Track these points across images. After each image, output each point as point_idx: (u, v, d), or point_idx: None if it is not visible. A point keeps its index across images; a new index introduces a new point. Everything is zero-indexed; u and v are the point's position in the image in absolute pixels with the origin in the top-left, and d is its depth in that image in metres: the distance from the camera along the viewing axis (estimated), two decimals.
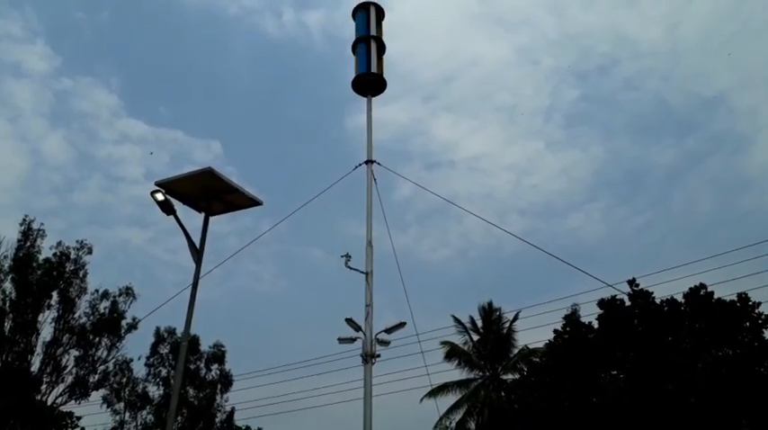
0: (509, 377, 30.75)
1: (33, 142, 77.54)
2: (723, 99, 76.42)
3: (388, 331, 13.25)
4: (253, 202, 9.16)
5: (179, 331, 39.48)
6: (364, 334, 12.91)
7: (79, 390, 34.59)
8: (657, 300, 20.51)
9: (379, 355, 12.83)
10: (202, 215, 9.01)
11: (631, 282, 21.02)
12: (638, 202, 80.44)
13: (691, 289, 20.27)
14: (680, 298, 20.19)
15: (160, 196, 8.11)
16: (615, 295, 20.81)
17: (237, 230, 66.86)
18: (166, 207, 8.17)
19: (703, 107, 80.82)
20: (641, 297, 20.78)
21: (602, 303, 21.39)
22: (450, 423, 30.76)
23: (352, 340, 13.17)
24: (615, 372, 20.33)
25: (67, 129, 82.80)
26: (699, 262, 28.28)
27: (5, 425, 28.72)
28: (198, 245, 8.44)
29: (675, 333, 19.10)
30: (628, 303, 21.02)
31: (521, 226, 77.16)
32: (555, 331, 22.82)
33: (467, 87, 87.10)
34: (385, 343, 13.20)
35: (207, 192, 8.85)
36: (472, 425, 29.68)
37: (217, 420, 37.95)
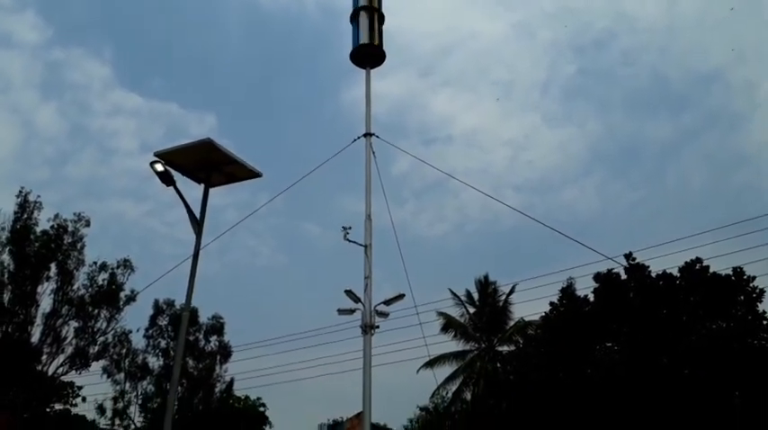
0: (504, 349, 31.11)
1: (25, 114, 76.86)
2: (720, 74, 75.99)
3: (387, 303, 13.36)
4: (252, 174, 9.10)
5: (178, 303, 39.66)
6: (363, 305, 13.00)
7: (79, 361, 34.88)
8: (653, 274, 20.67)
9: (378, 326, 12.94)
10: (201, 187, 8.97)
11: (628, 256, 21.14)
12: (633, 178, 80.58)
13: (686, 263, 20.42)
14: (675, 272, 20.35)
15: (159, 167, 8.05)
16: (611, 269, 20.98)
17: (235, 204, 66.83)
18: (166, 178, 8.12)
19: (700, 83, 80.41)
20: (637, 271, 20.93)
21: (598, 277, 21.54)
22: (447, 393, 31.24)
23: (352, 311, 13.27)
24: (610, 345, 20.59)
25: (60, 101, 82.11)
26: (694, 236, 28.33)
27: (7, 395, 29.03)
28: (198, 216, 8.42)
29: (670, 306, 19.28)
30: (624, 277, 21.19)
31: (517, 201, 77.43)
32: (551, 304, 23.04)
33: (464, 61, 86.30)
34: (384, 314, 13.31)
35: (206, 164, 8.77)
36: (468, 395, 30.14)
37: (216, 390, 38.40)
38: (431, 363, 30.38)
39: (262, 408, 39.82)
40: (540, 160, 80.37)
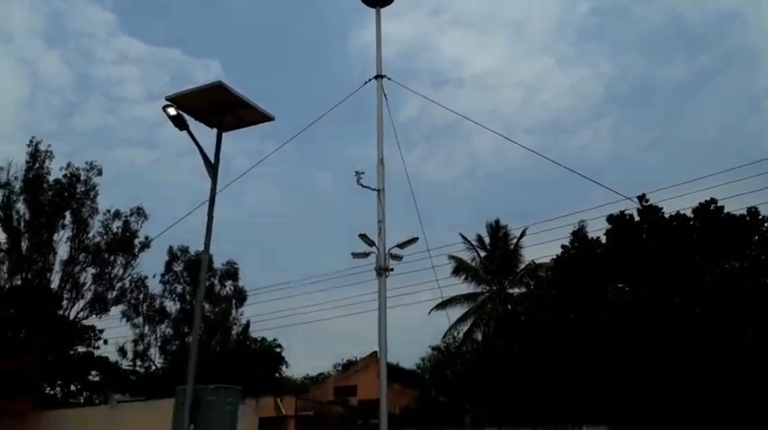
0: (515, 291, 31.50)
1: (30, 64, 76.03)
2: (739, 14, 73.27)
3: (401, 246, 13.45)
4: (264, 117, 8.99)
5: (191, 250, 40.27)
6: (377, 249, 13.10)
7: (99, 306, 35.77)
8: (666, 216, 20.55)
9: (392, 269, 13.08)
10: (211, 135, 8.90)
11: (641, 198, 20.96)
12: (646, 120, 79.16)
13: (700, 203, 20.26)
14: (689, 214, 20.21)
15: (172, 111, 7.95)
16: (624, 210, 20.87)
17: (245, 151, 66.57)
18: (179, 122, 8.03)
19: (717, 23, 77.68)
20: (650, 212, 20.80)
21: (610, 218, 21.46)
22: (458, 333, 31.88)
23: (366, 255, 13.37)
24: (622, 286, 20.71)
25: (63, 49, 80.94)
26: (708, 177, 27.95)
27: (31, 340, 29.95)
28: (212, 160, 8.38)
29: (684, 247, 19.24)
30: (636, 219, 21.10)
31: (528, 144, 76.40)
32: (562, 246, 23.08)
33: (476, 0, 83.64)
34: (397, 257, 13.42)
35: (217, 108, 8.68)
36: (479, 335, 30.75)
37: (233, 332, 39.43)
38: (442, 305, 30.89)
39: (278, 349, 40.85)
40: (552, 102, 78.97)
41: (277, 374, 40.48)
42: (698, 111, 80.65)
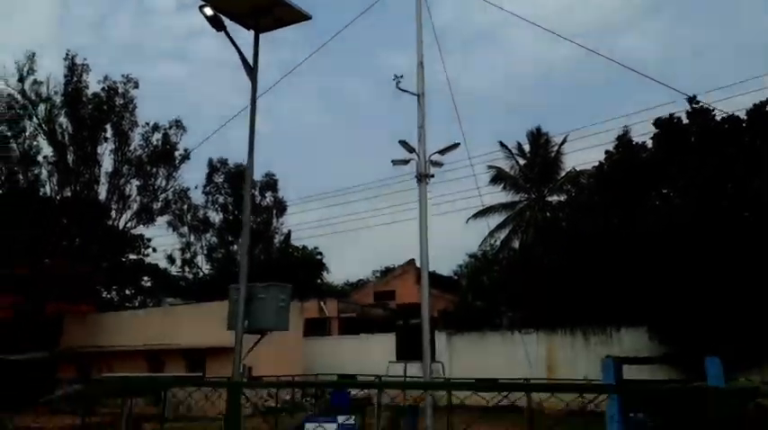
0: (554, 199, 31.20)
1: None
2: None
3: (441, 152, 13.27)
4: (301, 16, 8.69)
5: (231, 161, 40.85)
6: (418, 155, 12.96)
7: (145, 216, 37.15)
8: (718, 118, 19.64)
9: (432, 176, 12.99)
10: (247, 43, 8.68)
11: (691, 100, 19.95)
12: (699, 21, 74.04)
13: (755, 105, 19.24)
14: (743, 116, 19.26)
15: (209, 11, 7.73)
16: (672, 113, 20.02)
17: (276, 62, 65.37)
18: (216, 22, 7.82)
19: None
20: (700, 115, 19.91)
21: (657, 122, 20.66)
22: (495, 241, 32.08)
23: (406, 162, 13.26)
24: (667, 191, 20.24)
25: None
26: (763, 77, 26.38)
27: (84, 249, 31.47)
28: (251, 63, 8.21)
29: (735, 149, 18.50)
30: (685, 122, 20.26)
31: (573, 47, 72.86)
32: (606, 152, 22.49)
33: None
34: (438, 164, 13.28)
35: (253, 8, 8.42)
36: (516, 243, 30.89)
37: (275, 241, 40.64)
38: (481, 214, 30.94)
39: (319, 257, 42.06)
40: (598, 3, 74.31)
41: (318, 280, 41.95)
42: (755, 9, 74.91)
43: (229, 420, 2.51)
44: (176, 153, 37.40)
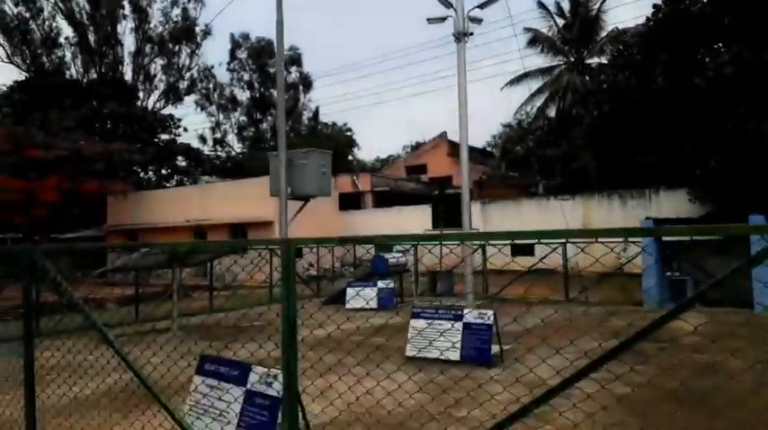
0: (594, 61, 29.68)
1: None
2: None
3: (482, 6, 12.38)
4: None
5: (252, 36, 39.48)
6: (455, 11, 12.12)
7: (172, 95, 36.92)
8: None
9: (471, 33, 12.22)
10: None
11: None
12: None
13: None
14: None
15: None
16: None
17: None
18: None
19: None
20: None
21: None
22: (531, 108, 31.13)
23: (443, 19, 12.45)
24: (718, 46, 18.89)
25: None
26: None
27: (116, 130, 31.63)
28: None
29: None
30: None
31: None
32: (654, 6, 20.85)
33: None
34: (477, 20, 12.45)
35: None
36: (553, 111, 29.90)
37: (303, 118, 40.22)
38: (516, 81, 29.77)
39: (349, 133, 41.71)
40: None
41: (350, 157, 41.89)
42: None
43: (284, 278, 2.38)
44: (197, 29, 36.32)
